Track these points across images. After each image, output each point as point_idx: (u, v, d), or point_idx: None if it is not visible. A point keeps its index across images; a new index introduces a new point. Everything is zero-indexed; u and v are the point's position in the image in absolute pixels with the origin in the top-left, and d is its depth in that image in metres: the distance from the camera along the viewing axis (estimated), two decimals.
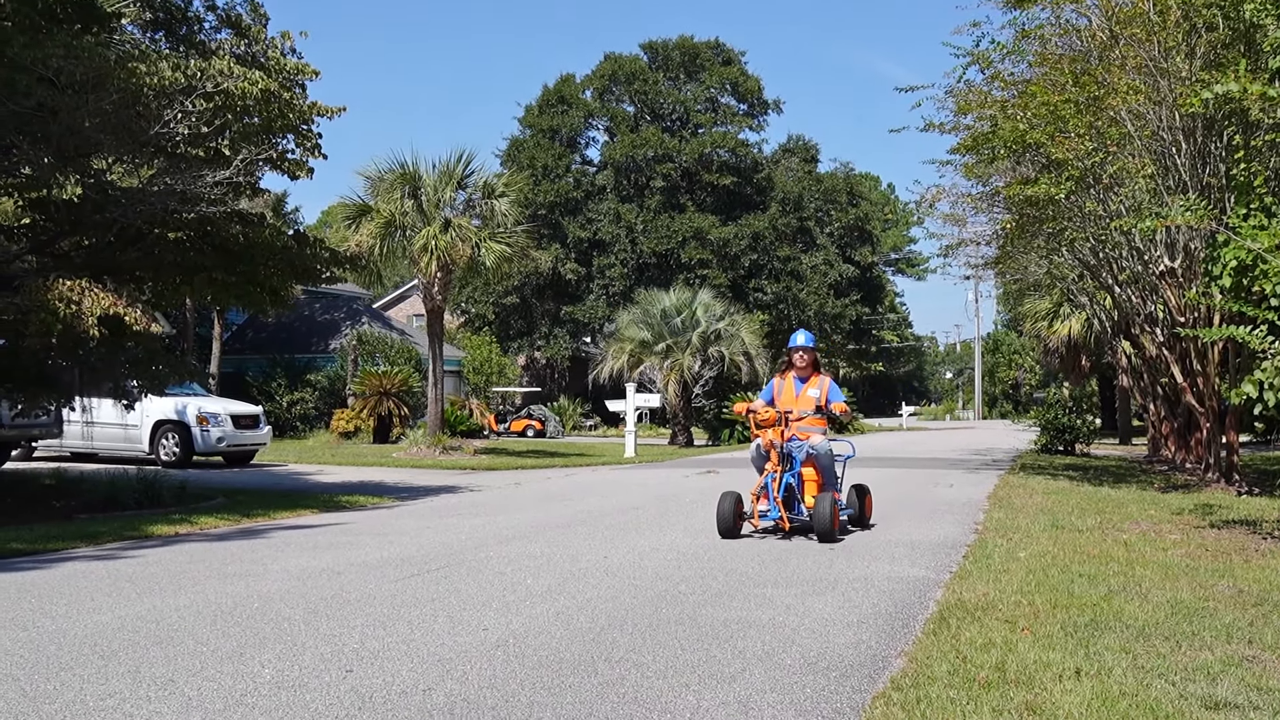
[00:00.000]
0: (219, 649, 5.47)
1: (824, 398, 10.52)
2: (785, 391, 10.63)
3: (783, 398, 10.59)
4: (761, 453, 10.30)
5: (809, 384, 10.60)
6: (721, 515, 9.93)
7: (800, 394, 10.53)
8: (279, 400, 33.90)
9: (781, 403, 10.52)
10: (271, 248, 14.85)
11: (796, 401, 10.47)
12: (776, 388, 10.75)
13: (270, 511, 12.42)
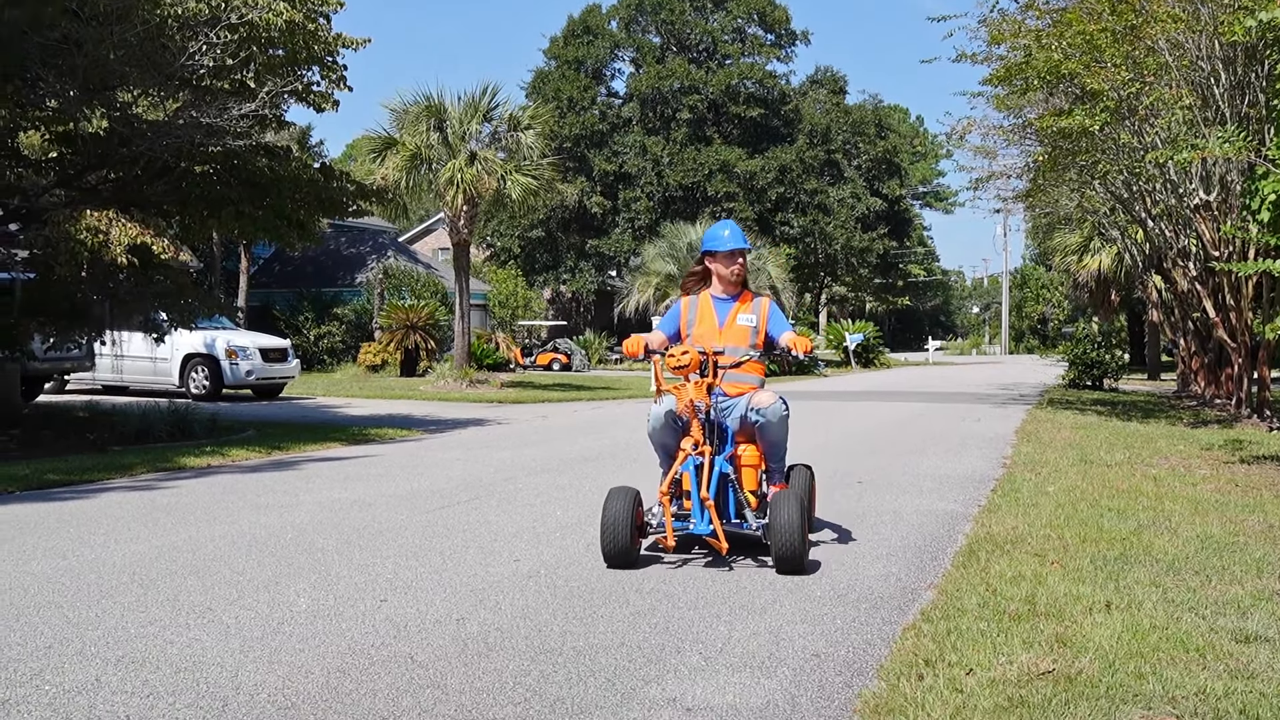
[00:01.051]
0: (255, 578, 5.55)
1: (763, 328, 6.49)
2: (703, 320, 6.49)
3: (700, 329, 6.46)
4: (672, 423, 6.11)
5: (739, 307, 6.53)
6: (611, 528, 5.75)
7: (727, 322, 6.47)
8: (306, 334, 34.06)
9: (699, 337, 6.42)
10: (298, 181, 14.81)
11: (722, 334, 6.42)
12: (686, 313, 6.57)
13: (300, 444, 12.53)
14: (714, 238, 6.54)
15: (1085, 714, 3.50)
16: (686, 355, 5.87)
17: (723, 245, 6.45)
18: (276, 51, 13.55)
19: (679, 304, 6.63)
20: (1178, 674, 3.92)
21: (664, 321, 6.70)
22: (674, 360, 5.85)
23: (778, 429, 6.22)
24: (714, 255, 6.49)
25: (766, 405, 6.16)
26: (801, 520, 5.59)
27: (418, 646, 4.33)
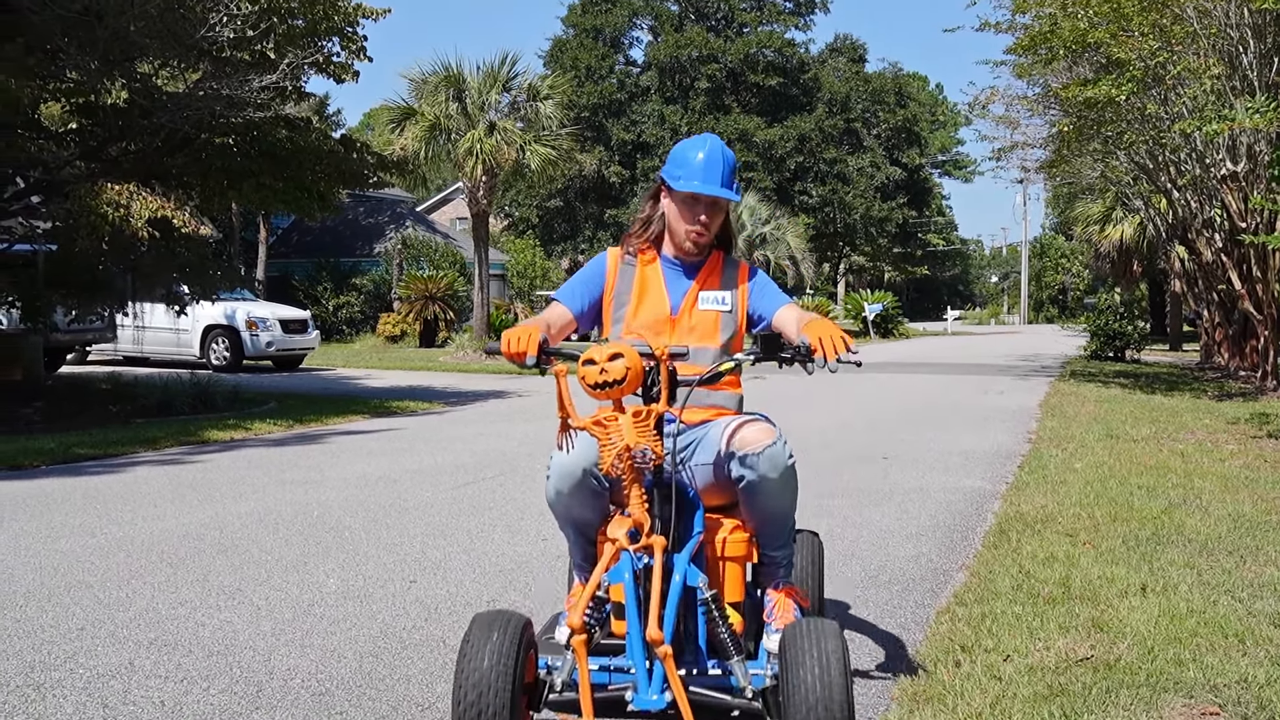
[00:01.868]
0: (283, 558, 5.55)
1: (744, 311, 3.57)
2: (646, 298, 3.54)
3: (640, 314, 3.51)
4: (592, 485, 3.22)
5: (704, 279, 3.56)
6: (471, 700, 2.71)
7: (684, 305, 3.52)
8: (325, 304, 34.08)
9: (639, 327, 3.44)
10: (318, 152, 14.77)
11: (676, 325, 3.50)
12: (614, 283, 3.57)
13: (322, 417, 12.54)
14: (681, 163, 3.41)
15: (1127, 703, 3.45)
16: (619, 362, 2.87)
17: (691, 181, 3.37)
18: (296, 22, 13.51)
19: (603, 263, 3.58)
20: (1218, 661, 3.88)
21: (572, 288, 3.55)
22: (595, 372, 2.88)
23: (780, 492, 3.23)
24: (672, 193, 3.45)
25: (758, 448, 3.15)
26: (845, 680, 2.70)
27: (449, 630, 4.31)
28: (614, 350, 2.84)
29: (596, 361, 2.82)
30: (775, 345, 3.13)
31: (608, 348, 2.85)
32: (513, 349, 2.98)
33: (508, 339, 3.00)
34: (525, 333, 3.01)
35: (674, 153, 3.50)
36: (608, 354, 2.82)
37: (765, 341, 3.14)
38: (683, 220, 3.42)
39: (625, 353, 2.84)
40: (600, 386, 2.82)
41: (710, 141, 3.43)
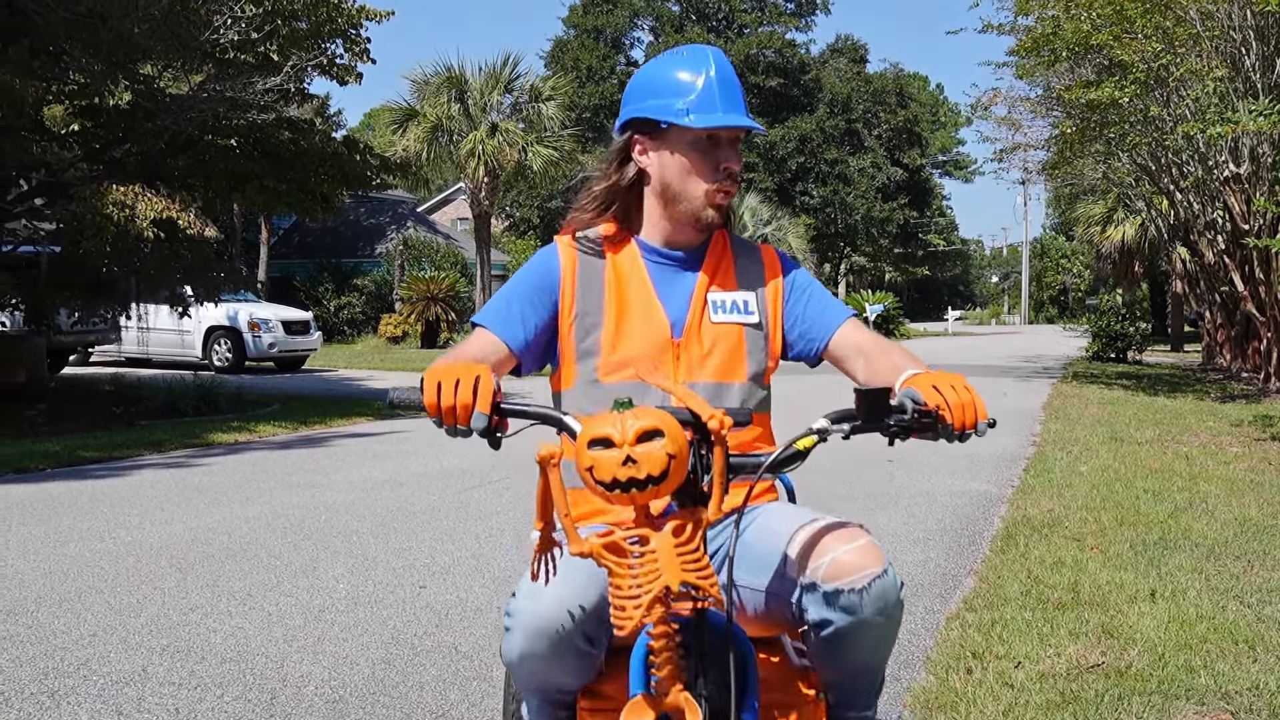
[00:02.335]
0: (292, 563, 5.56)
1: (775, 325, 2.36)
2: (633, 312, 2.27)
3: (629, 341, 2.24)
4: (583, 644, 1.91)
5: (711, 269, 2.33)
6: None
7: (693, 316, 2.27)
8: (326, 305, 34.08)
9: (626, 360, 2.22)
10: (321, 154, 14.79)
11: (681, 355, 2.24)
12: (572, 294, 2.28)
13: (326, 419, 12.55)
14: (672, 88, 2.23)
15: (1139, 710, 3.46)
16: (657, 444, 1.59)
17: (709, 113, 2.20)
18: (300, 24, 13.53)
19: (551, 262, 2.33)
20: (1228, 667, 3.88)
21: (506, 305, 2.28)
22: (615, 462, 1.59)
23: (882, 639, 2.05)
24: (666, 138, 2.25)
25: (860, 580, 1.93)
26: None
27: (460, 636, 4.32)
28: (647, 423, 1.58)
29: (616, 442, 1.57)
30: (882, 406, 1.85)
31: (635, 417, 1.59)
32: (446, 402, 1.74)
33: (434, 381, 1.76)
34: (464, 374, 1.77)
35: (648, 76, 2.28)
36: (636, 429, 1.58)
37: (869, 401, 1.84)
38: (699, 175, 2.22)
39: (664, 426, 1.58)
40: (623, 487, 1.58)
41: (711, 53, 2.24)
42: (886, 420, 1.87)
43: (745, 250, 2.41)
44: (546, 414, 1.86)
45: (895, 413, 1.87)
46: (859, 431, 1.86)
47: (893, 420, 1.87)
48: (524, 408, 1.84)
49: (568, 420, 1.81)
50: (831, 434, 1.86)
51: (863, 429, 1.86)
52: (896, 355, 2.21)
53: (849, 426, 1.86)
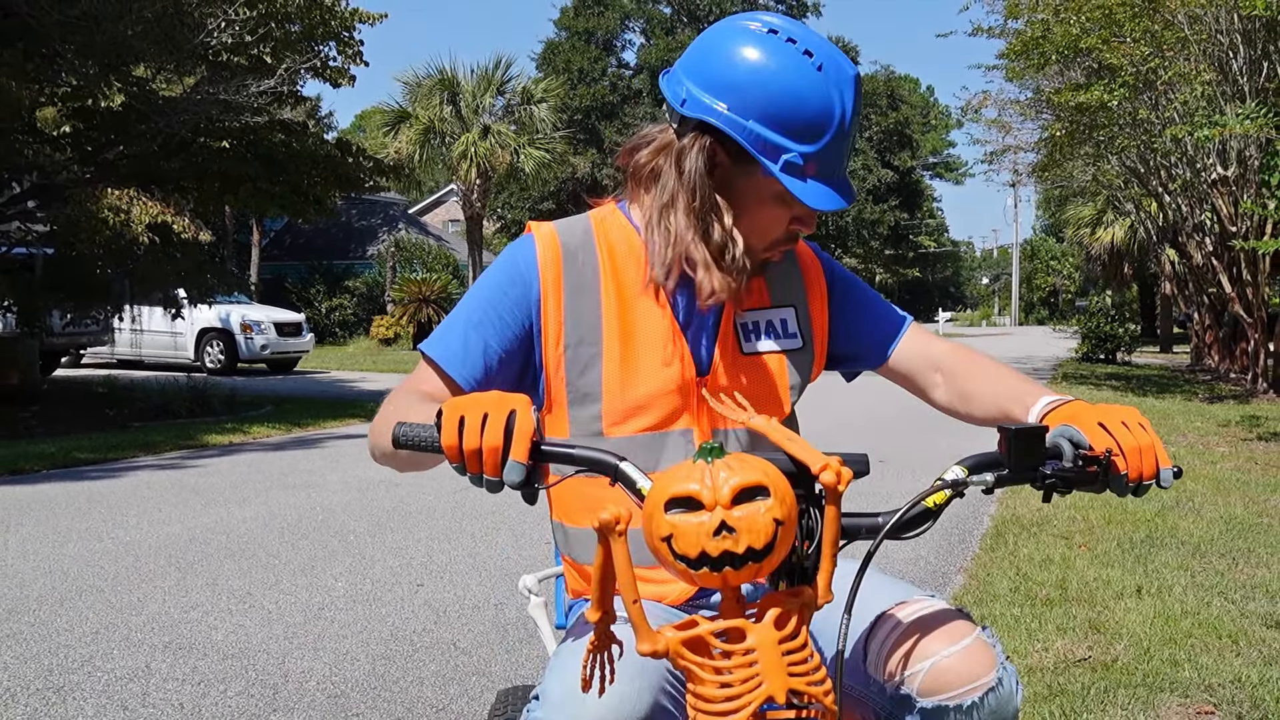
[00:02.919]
0: (290, 562, 5.61)
1: (821, 342, 1.92)
2: (642, 338, 1.75)
3: (642, 380, 1.73)
4: None
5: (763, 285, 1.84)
6: None
7: (720, 343, 1.79)
8: (318, 306, 34.10)
9: (638, 403, 1.73)
10: (315, 157, 14.86)
11: (709, 395, 1.69)
12: (556, 304, 1.74)
13: (320, 420, 12.60)
14: (782, 108, 1.60)
15: (1124, 703, 3.54)
16: (759, 507, 1.19)
17: (817, 177, 1.64)
18: (293, 27, 13.59)
19: (526, 263, 1.76)
20: (1212, 661, 3.96)
21: (462, 328, 1.74)
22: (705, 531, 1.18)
23: None
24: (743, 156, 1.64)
25: (974, 692, 1.51)
26: None
27: (459, 633, 4.39)
28: (746, 478, 1.20)
29: (705, 504, 1.19)
30: (1036, 451, 1.46)
31: (729, 469, 1.20)
32: (470, 444, 1.32)
33: (455, 416, 1.33)
34: (495, 407, 1.34)
35: (764, 78, 1.60)
36: (733, 486, 1.19)
37: (1020, 444, 1.45)
38: (766, 229, 1.73)
39: (770, 482, 1.21)
40: (713, 564, 1.20)
41: (852, 84, 1.64)
42: (1041, 469, 1.46)
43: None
44: (603, 460, 1.37)
45: (1051, 459, 1.47)
46: (1006, 483, 1.46)
47: (1050, 469, 1.46)
48: (570, 449, 1.40)
49: (629, 470, 1.36)
50: (971, 487, 1.46)
51: (1010, 480, 1.46)
52: (1006, 376, 1.81)
53: (993, 477, 1.45)
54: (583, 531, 1.75)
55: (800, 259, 1.91)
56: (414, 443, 1.42)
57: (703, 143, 1.64)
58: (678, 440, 1.72)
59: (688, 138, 1.66)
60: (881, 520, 1.45)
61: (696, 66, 1.65)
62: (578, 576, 1.82)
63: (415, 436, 1.42)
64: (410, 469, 1.69)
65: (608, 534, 1.23)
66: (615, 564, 1.24)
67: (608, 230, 1.81)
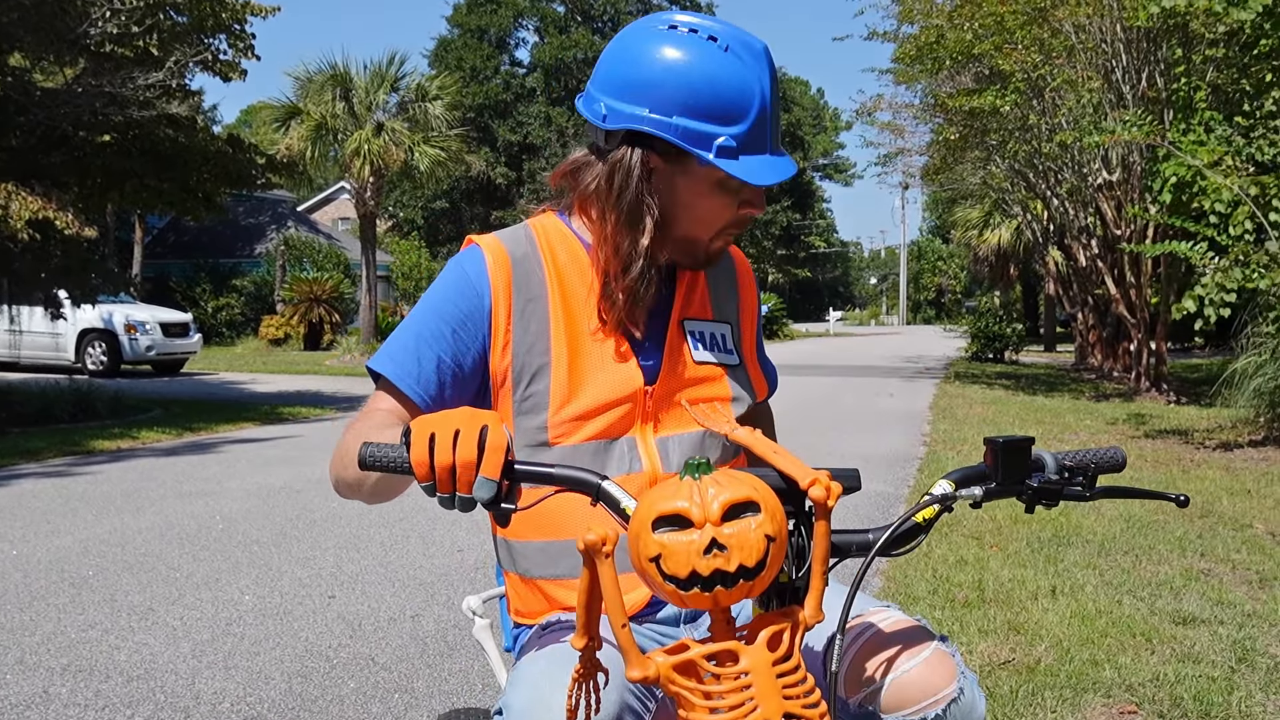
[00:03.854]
0: (193, 575, 5.40)
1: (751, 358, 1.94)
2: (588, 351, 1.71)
3: (588, 391, 1.68)
4: None
5: (684, 288, 1.81)
6: None
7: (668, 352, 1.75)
8: (204, 306, 33.25)
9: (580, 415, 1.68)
10: (204, 153, 14.44)
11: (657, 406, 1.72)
12: (506, 319, 1.69)
13: (212, 424, 12.23)
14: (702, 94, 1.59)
15: (1052, 705, 3.57)
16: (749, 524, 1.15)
17: (753, 156, 1.63)
18: (181, 19, 13.18)
19: (477, 276, 1.70)
20: (1129, 660, 4.03)
21: (414, 346, 1.68)
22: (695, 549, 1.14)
23: None
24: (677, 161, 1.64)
25: (938, 703, 1.53)
26: None
27: (376, 647, 4.25)
28: (735, 494, 1.16)
29: (694, 521, 1.14)
30: (1022, 462, 1.50)
31: (717, 485, 1.16)
32: (441, 460, 1.24)
33: (426, 433, 1.25)
34: (466, 423, 1.26)
35: (677, 73, 1.60)
36: (722, 502, 1.15)
37: (1007, 456, 1.49)
38: (715, 218, 1.71)
39: (759, 497, 1.17)
40: (704, 584, 1.15)
41: (766, 61, 1.66)
42: (1028, 481, 1.48)
43: (720, 265, 1.86)
44: (582, 478, 1.33)
45: (1034, 471, 1.50)
46: (994, 496, 1.48)
47: (1036, 481, 1.49)
48: (546, 469, 1.33)
49: (611, 489, 1.31)
50: (959, 501, 1.47)
51: (998, 493, 1.48)
52: None
53: (981, 491, 1.46)
54: (530, 546, 1.71)
55: (740, 273, 1.93)
56: (382, 463, 1.34)
57: (634, 152, 1.64)
58: (623, 450, 1.68)
59: (617, 151, 1.65)
60: (872, 537, 1.42)
61: (609, 79, 1.66)
62: (523, 595, 1.75)
63: (383, 456, 1.34)
64: (379, 498, 1.63)
65: (594, 556, 1.18)
66: (602, 587, 1.19)
67: (550, 238, 1.77)
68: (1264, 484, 8.11)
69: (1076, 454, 1.52)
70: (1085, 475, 1.49)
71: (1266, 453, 9.79)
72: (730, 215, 1.70)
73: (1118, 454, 1.54)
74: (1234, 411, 12.05)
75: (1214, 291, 9.70)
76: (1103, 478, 1.57)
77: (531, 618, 1.74)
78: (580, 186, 1.72)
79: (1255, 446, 10.16)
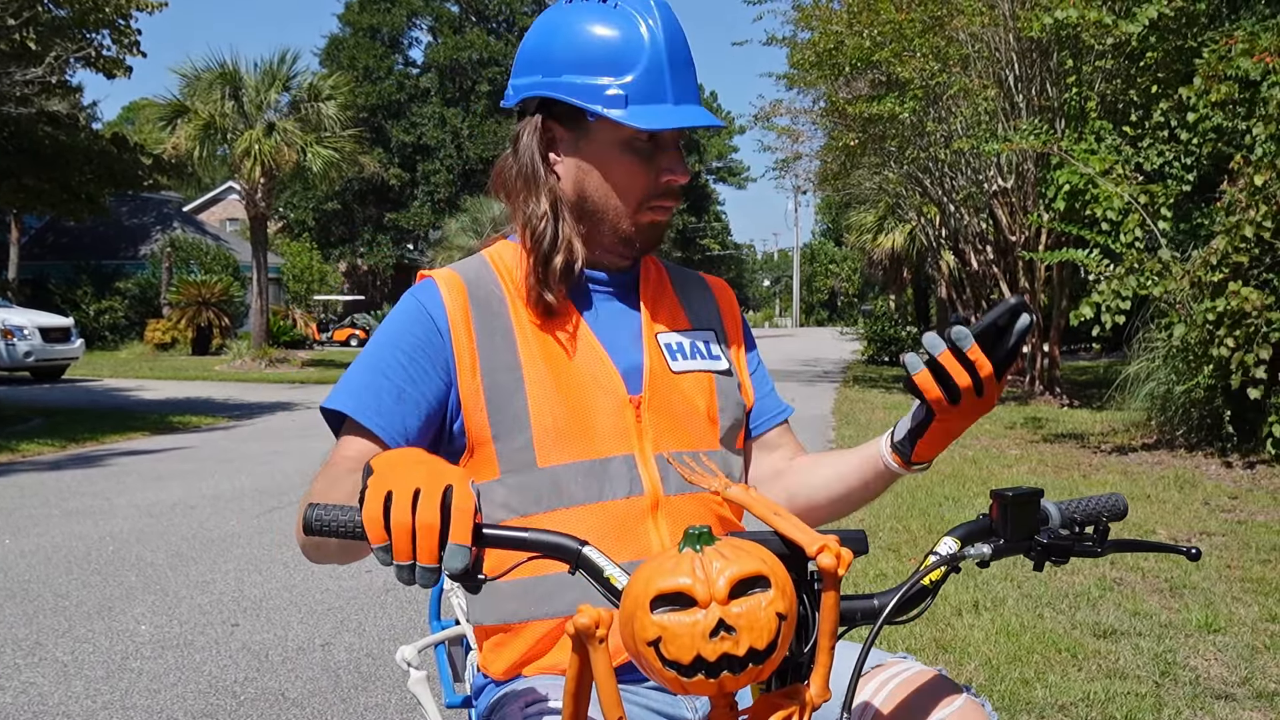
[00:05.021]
0: (83, 603, 5.10)
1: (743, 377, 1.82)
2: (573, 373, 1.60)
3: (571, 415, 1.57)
4: None
5: (651, 300, 1.73)
6: None
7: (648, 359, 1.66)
8: (85, 309, 32.14)
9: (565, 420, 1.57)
10: (87, 152, 13.92)
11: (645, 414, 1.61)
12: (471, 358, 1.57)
13: (99, 435, 11.73)
14: (598, 57, 1.55)
15: None
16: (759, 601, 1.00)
17: (655, 104, 1.55)
18: (62, 12, 12.66)
19: (429, 307, 1.59)
20: (1058, 679, 4.01)
21: (376, 380, 1.55)
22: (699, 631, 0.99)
23: None
24: (588, 131, 1.60)
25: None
26: None
27: (286, 681, 4.03)
28: (744, 567, 1.01)
29: (699, 600, 1.00)
30: (1030, 516, 1.36)
31: (721, 557, 1.02)
32: (399, 522, 1.07)
33: (381, 491, 1.09)
34: (427, 479, 1.09)
35: (562, 32, 1.58)
36: (730, 577, 1.01)
37: (1016, 510, 1.35)
38: (630, 189, 1.62)
39: (769, 571, 1.03)
40: (709, 669, 1.01)
41: (656, 6, 1.57)
42: (1036, 536, 1.36)
43: (688, 280, 1.84)
44: (559, 543, 1.17)
45: (1042, 525, 1.38)
46: (1003, 554, 1.35)
47: (1045, 538, 1.36)
48: (521, 533, 1.18)
49: (594, 556, 1.16)
50: (969, 560, 1.34)
51: (1007, 550, 1.35)
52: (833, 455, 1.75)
53: (989, 549, 1.33)
54: (513, 585, 1.52)
55: (718, 294, 1.87)
56: (330, 527, 1.16)
57: (531, 120, 1.62)
58: (620, 467, 1.56)
59: (518, 124, 1.65)
60: (878, 603, 1.29)
61: (516, 64, 1.66)
62: (500, 645, 1.57)
63: (331, 520, 1.16)
64: (350, 558, 1.47)
65: (586, 641, 1.04)
66: (596, 678, 1.05)
67: (503, 259, 1.69)
68: (1161, 488, 8.27)
69: (1080, 503, 1.42)
70: (1096, 528, 1.39)
71: (1160, 456, 10.01)
72: (646, 182, 1.62)
73: (1119, 502, 1.44)
74: (1126, 415, 12.34)
75: (1110, 298, 9.90)
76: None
77: (507, 673, 1.56)
78: (500, 179, 1.69)
79: (1148, 450, 10.39)
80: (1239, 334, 8.88)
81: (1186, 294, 9.59)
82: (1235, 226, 9.02)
